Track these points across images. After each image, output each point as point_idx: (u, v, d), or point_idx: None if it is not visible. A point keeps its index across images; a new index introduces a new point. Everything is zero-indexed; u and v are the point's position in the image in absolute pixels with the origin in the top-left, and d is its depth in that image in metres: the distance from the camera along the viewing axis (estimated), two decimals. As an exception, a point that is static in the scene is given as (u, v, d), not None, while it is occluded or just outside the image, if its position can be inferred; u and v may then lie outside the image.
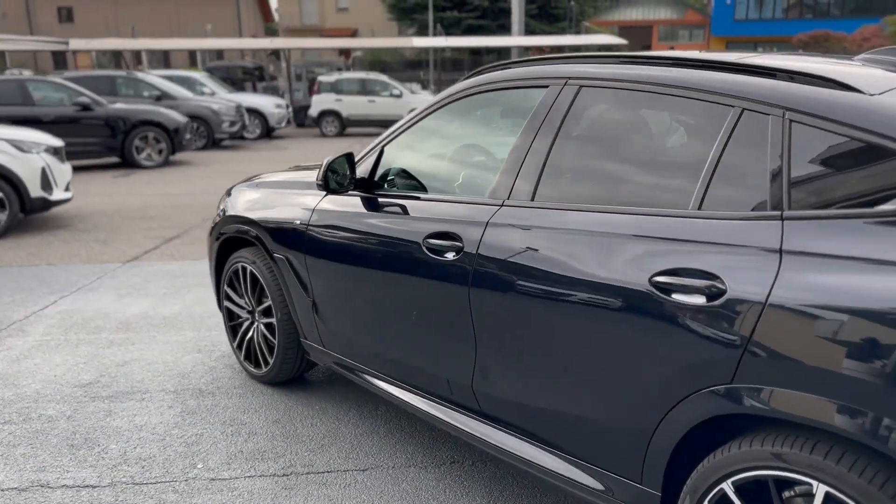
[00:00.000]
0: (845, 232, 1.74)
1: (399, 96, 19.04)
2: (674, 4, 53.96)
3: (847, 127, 1.82)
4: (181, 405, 3.69)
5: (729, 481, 1.90)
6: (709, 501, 1.96)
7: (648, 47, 39.27)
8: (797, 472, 1.77)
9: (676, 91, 2.17)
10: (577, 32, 35.48)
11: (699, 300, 1.92)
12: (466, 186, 2.97)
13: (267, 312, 3.78)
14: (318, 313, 3.37)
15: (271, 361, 3.78)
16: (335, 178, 3.06)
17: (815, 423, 1.72)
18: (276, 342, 3.70)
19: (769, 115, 1.95)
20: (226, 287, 4.04)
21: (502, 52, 34.63)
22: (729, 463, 1.89)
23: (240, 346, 4.05)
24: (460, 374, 2.67)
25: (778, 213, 1.86)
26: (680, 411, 1.98)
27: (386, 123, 19.32)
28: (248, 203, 3.82)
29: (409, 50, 38.60)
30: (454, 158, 3.21)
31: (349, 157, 3.08)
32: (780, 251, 1.81)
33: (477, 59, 37.39)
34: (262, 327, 3.83)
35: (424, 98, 19.80)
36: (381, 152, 3.10)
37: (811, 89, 1.94)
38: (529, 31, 33.97)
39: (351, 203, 3.15)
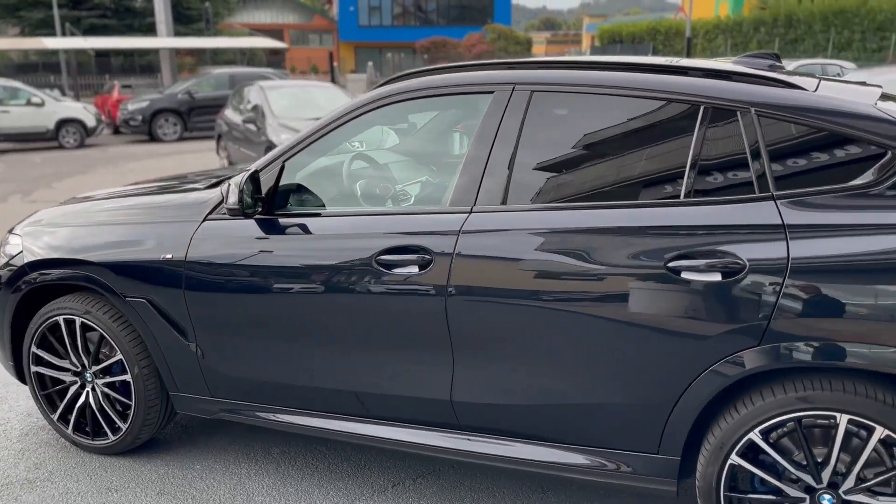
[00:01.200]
0: (828, 204, 2.13)
1: (41, 105, 16.46)
2: (300, 9, 55.22)
3: (802, 117, 2.21)
4: (14, 505, 2.91)
5: (757, 430, 2.20)
6: (737, 452, 2.23)
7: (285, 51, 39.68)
8: (821, 409, 2.12)
9: (643, 93, 2.39)
10: (217, 34, 34.39)
11: (716, 277, 2.17)
12: (408, 197, 2.84)
13: (109, 370, 3.15)
14: (206, 359, 2.93)
15: (125, 426, 3.16)
16: (246, 200, 2.69)
17: (837, 365, 2.08)
18: (132, 402, 3.11)
19: (737, 111, 2.27)
20: (34, 348, 3.25)
21: (142, 54, 32.23)
22: (756, 414, 2.19)
23: (64, 418, 3.30)
24: (435, 390, 2.59)
25: (769, 194, 2.19)
26: (706, 380, 2.21)
27: (26, 137, 16.64)
28: (69, 239, 3.13)
29: (15, 52, 33.71)
30: (383, 169, 3.04)
31: (255, 176, 2.72)
32: (784, 226, 2.14)
33: (105, 62, 34.07)
34: (103, 389, 3.18)
35: (72, 105, 17.42)
36: (282, 168, 2.81)
37: (770, 88, 2.31)
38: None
39: (252, 227, 2.79)
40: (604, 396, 2.38)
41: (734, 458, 2.24)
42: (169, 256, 2.90)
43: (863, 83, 2.65)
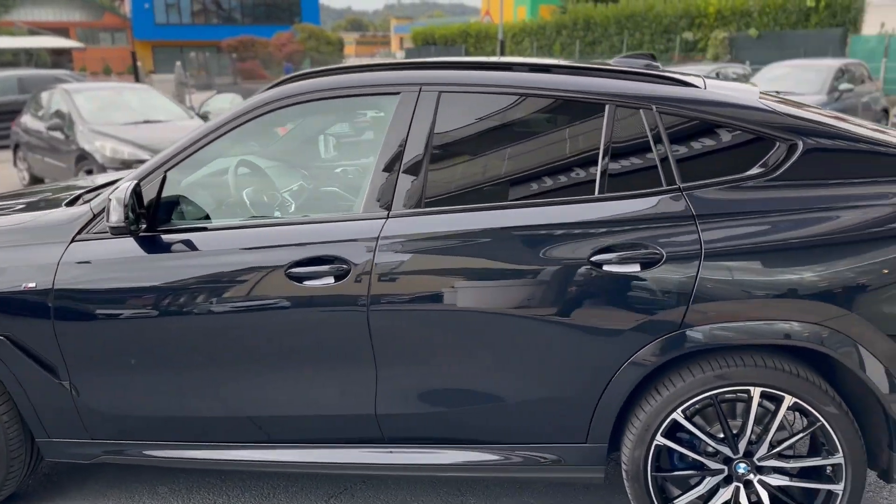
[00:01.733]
0: (731, 194, 2.29)
1: None
2: (88, 6, 50.93)
3: (700, 111, 2.35)
4: None
5: (679, 410, 2.32)
6: (662, 433, 2.34)
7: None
8: (737, 384, 2.28)
9: (549, 93, 2.43)
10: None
11: (636, 269, 2.25)
12: (312, 205, 2.67)
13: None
14: (83, 397, 2.60)
15: (-20, 484, 2.72)
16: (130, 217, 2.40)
17: (751, 342, 2.25)
18: (-10, 455, 2.68)
19: (640, 108, 2.37)
20: None
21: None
22: (679, 395, 2.30)
23: None
24: (359, 405, 2.47)
25: (676, 186, 2.31)
26: (631, 367, 2.30)
27: None
28: None
29: None
30: (278, 176, 2.82)
31: (137, 189, 2.44)
32: (694, 216, 2.26)
33: None
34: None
35: None
36: (164, 179, 2.54)
37: (667, 86, 2.43)
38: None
39: (132, 246, 2.50)
40: (533, 394, 2.40)
41: (659, 439, 2.35)
42: (32, 285, 2.53)
43: (736, 81, 2.87)
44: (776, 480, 2.34)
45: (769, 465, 2.33)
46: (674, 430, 2.40)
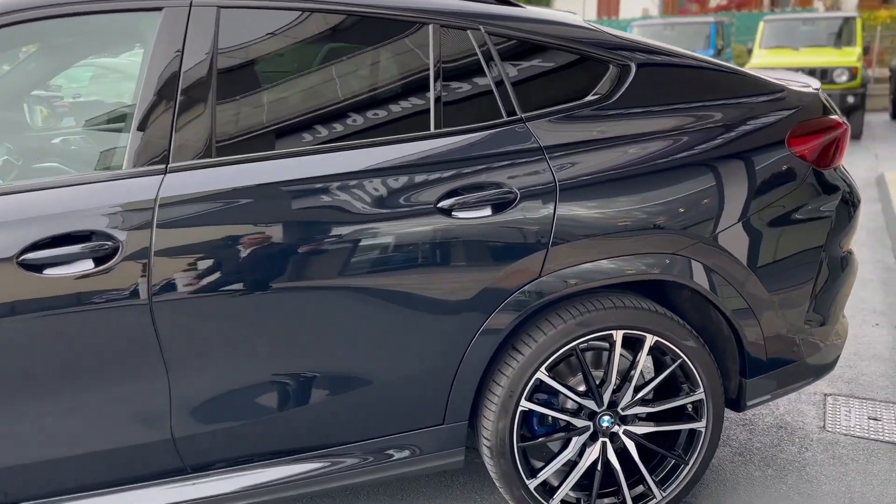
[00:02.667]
0: (574, 121, 2.04)
1: None
2: None
3: (528, 31, 2.07)
4: None
5: (542, 368, 2.04)
6: (526, 397, 2.05)
7: None
8: (599, 330, 2.06)
9: (364, 11, 1.98)
10: None
11: (485, 212, 1.92)
12: (48, 164, 1.90)
13: None
14: None
15: None
16: None
17: (614, 282, 2.03)
18: None
19: (467, 28, 2.03)
20: None
21: None
22: (541, 351, 2.03)
23: None
24: (148, 430, 1.85)
25: (518, 117, 2.01)
26: (492, 326, 1.97)
27: None
28: None
29: None
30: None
31: None
32: (542, 149, 1.98)
33: None
34: None
35: None
36: None
37: (492, 5, 2.11)
38: None
39: None
40: (377, 378, 1.97)
41: (524, 404, 2.06)
42: None
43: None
44: (641, 428, 2.18)
45: (633, 412, 2.16)
46: (539, 392, 2.13)
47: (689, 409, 2.23)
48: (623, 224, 2.01)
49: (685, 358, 2.14)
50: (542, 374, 2.05)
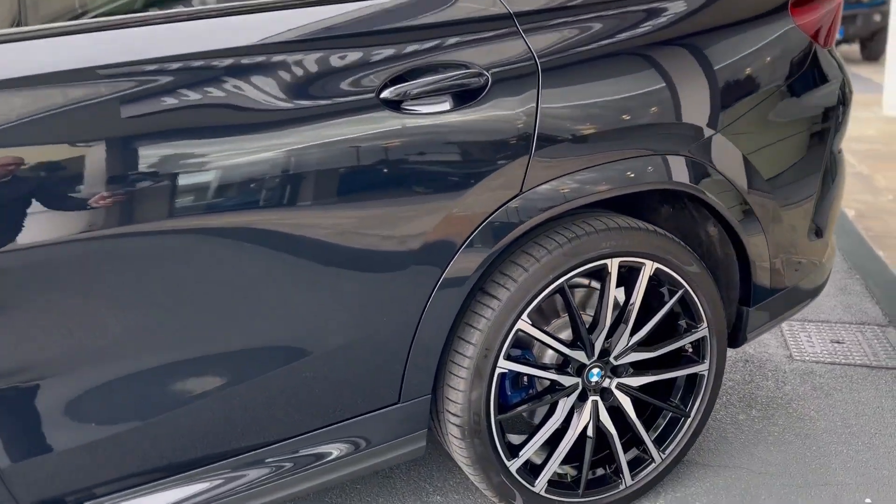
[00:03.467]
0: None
1: None
2: None
3: None
4: None
5: (524, 316, 1.55)
6: (504, 355, 1.55)
7: None
8: (592, 260, 1.58)
9: None
10: None
11: (444, 106, 1.38)
12: None
13: None
14: None
15: None
16: None
17: (615, 191, 1.56)
18: None
19: None
20: None
21: None
22: (522, 295, 1.52)
23: None
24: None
25: None
26: (460, 265, 1.44)
27: None
28: None
29: None
30: None
31: None
32: (511, 15, 1.46)
33: None
34: None
35: None
36: None
37: None
38: None
39: None
40: (298, 354, 1.39)
41: (503, 365, 1.56)
42: None
43: None
44: (637, 380, 1.74)
45: (628, 361, 1.72)
46: (519, 347, 1.67)
47: (689, 351, 1.83)
48: (620, 117, 1.53)
49: (687, 287, 1.71)
50: (524, 323, 1.55)
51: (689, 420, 1.83)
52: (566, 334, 1.73)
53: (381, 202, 1.35)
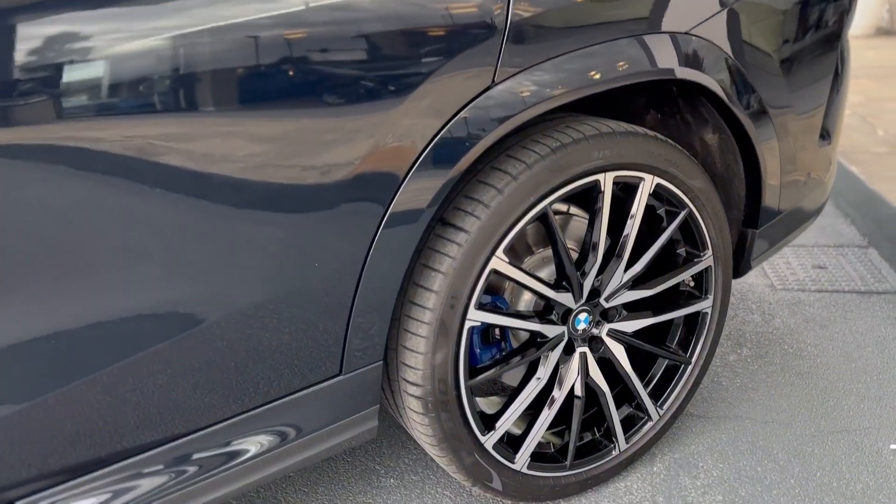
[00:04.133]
0: None
1: None
2: None
3: None
4: None
5: (499, 251, 1.19)
6: (475, 304, 1.19)
7: None
8: (581, 176, 1.23)
9: None
10: None
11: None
12: None
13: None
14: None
15: None
16: None
17: (611, 83, 1.20)
18: None
19: None
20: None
21: None
22: (497, 222, 1.16)
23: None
24: None
25: None
26: (410, 194, 1.05)
27: None
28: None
29: None
30: None
31: None
32: None
33: None
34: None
35: None
36: None
37: None
38: None
39: None
40: (203, 320, 0.99)
41: (474, 316, 1.20)
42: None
43: None
44: (631, 324, 1.42)
45: (621, 302, 1.39)
46: (490, 293, 1.32)
47: (690, 285, 1.51)
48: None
49: (692, 207, 1.39)
50: (498, 262, 1.20)
51: (691, 367, 1.53)
52: (546, 273, 1.38)
53: (294, 116, 0.94)
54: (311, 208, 1.00)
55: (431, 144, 1.05)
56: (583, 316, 1.35)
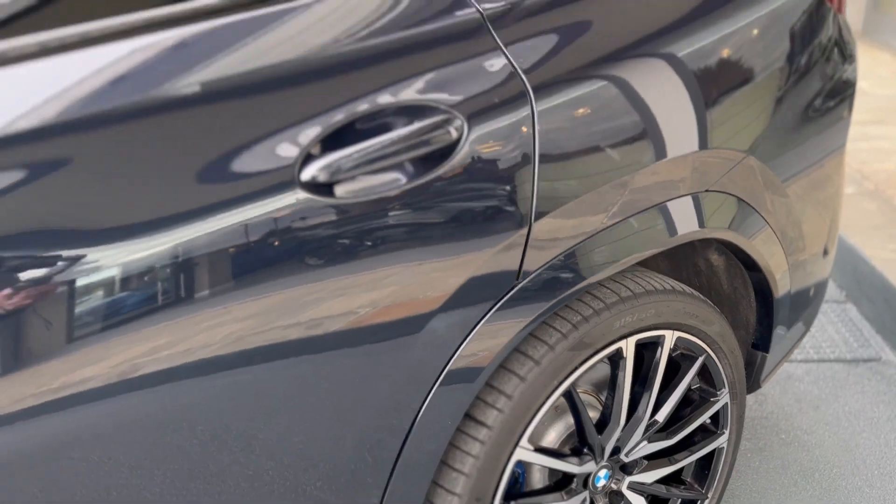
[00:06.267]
0: None
1: None
2: None
3: None
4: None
5: (524, 440, 1.09)
6: (499, 499, 1.10)
7: None
8: (606, 346, 1.14)
9: None
10: None
11: (400, 178, 0.86)
12: None
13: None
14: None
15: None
16: None
17: (636, 257, 1.12)
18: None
19: None
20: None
21: None
22: (520, 416, 1.07)
23: None
24: None
25: None
26: (442, 398, 0.96)
27: None
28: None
29: None
30: None
31: None
32: (484, 18, 0.94)
33: None
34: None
35: None
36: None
37: None
38: None
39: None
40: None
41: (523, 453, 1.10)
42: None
43: None
44: (651, 474, 1.35)
45: (642, 453, 1.32)
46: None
47: (708, 423, 1.45)
48: (637, 154, 1.07)
49: (710, 352, 1.32)
50: (524, 451, 1.10)
51: (707, 501, 1.47)
52: (560, 427, 1.30)
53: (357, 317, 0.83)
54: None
55: (467, 342, 0.95)
56: (602, 472, 1.28)
